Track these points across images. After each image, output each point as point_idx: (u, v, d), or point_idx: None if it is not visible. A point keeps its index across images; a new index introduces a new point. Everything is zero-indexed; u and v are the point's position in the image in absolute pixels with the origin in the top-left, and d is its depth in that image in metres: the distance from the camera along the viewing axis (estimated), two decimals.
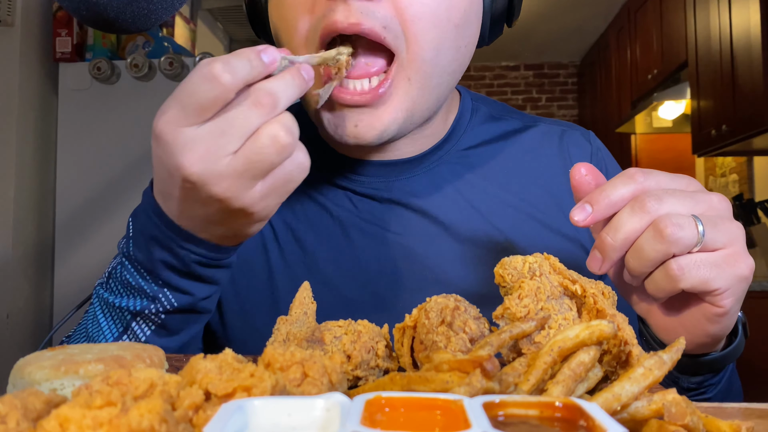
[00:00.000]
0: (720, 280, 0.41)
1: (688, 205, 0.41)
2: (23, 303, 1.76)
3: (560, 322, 0.36)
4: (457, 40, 0.55)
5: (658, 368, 0.29)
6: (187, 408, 0.25)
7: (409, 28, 0.51)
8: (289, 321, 0.43)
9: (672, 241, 0.39)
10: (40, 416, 0.25)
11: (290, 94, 0.42)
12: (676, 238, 0.39)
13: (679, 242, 0.40)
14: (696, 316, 0.44)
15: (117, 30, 0.50)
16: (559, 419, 0.25)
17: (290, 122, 0.42)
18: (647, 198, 0.41)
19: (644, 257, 0.41)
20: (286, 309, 0.45)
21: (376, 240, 0.63)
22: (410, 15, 0.51)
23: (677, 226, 0.39)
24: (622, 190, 0.42)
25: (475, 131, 0.67)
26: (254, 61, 0.40)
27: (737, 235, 0.42)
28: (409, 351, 0.39)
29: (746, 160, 3.00)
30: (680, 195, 0.42)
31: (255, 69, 0.40)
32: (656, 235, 0.40)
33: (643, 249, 0.41)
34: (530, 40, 4.50)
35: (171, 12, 0.51)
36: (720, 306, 0.42)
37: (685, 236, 0.40)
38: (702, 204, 0.42)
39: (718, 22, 2.58)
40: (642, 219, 0.40)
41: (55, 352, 0.37)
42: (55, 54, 1.85)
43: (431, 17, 0.52)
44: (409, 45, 0.51)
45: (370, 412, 0.23)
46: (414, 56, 0.52)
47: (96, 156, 1.82)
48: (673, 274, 0.41)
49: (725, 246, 0.41)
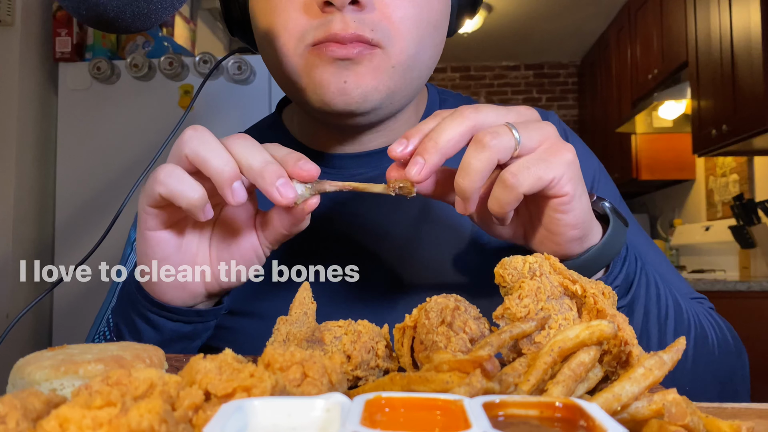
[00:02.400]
0: (551, 170, 0.44)
1: (500, 114, 0.45)
2: (23, 303, 1.76)
3: (560, 322, 0.36)
4: (434, 38, 0.59)
5: (659, 368, 0.29)
6: (186, 408, 0.25)
7: (396, 29, 0.55)
8: (289, 321, 0.43)
9: (493, 148, 0.43)
10: (39, 416, 0.25)
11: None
12: (496, 144, 0.43)
13: (500, 148, 0.43)
14: (551, 215, 0.47)
15: (117, 30, 0.50)
16: (559, 419, 0.25)
17: None
18: (466, 108, 0.45)
19: (472, 170, 0.43)
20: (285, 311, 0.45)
21: (354, 229, 0.64)
22: (396, 18, 0.55)
23: (495, 134, 0.43)
24: (434, 122, 0.46)
25: None
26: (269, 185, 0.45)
27: (549, 131, 0.46)
28: (409, 351, 0.39)
29: (746, 160, 3.00)
30: (492, 107, 0.46)
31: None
32: (477, 146, 0.43)
33: (469, 163, 0.43)
34: (530, 40, 4.50)
35: (171, 12, 0.51)
36: (563, 194, 0.45)
37: (504, 142, 0.43)
38: (511, 113, 0.46)
39: (719, 21, 2.58)
40: (461, 125, 0.44)
41: (54, 352, 0.37)
42: (55, 54, 1.85)
43: (415, 19, 0.56)
44: (395, 42, 0.55)
45: (370, 413, 0.23)
46: (399, 50, 0.56)
47: (96, 156, 1.82)
48: (509, 183, 0.43)
49: (541, 143, 0.45)
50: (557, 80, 5.03)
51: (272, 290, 0.63)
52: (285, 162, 0.46)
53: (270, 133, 0.71)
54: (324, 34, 0.53)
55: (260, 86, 1.80)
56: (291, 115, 0.72)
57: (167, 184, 0.45)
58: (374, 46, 0.54)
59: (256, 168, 0.45)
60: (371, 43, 0.54)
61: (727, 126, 2.49)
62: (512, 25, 4.20)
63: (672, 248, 3.67)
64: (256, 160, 0.45)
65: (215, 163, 0.44)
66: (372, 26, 0.54)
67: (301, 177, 0.46)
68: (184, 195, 0.45)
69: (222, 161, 0.44)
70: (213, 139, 0.46)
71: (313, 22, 0.54)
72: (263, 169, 0.45)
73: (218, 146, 0.45)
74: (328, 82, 0.55)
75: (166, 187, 0.45)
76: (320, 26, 0.54)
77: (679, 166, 3.60)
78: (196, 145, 0.45)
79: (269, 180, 0.44)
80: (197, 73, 1.79)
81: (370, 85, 0.55)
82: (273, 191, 0.44)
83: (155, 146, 1.78)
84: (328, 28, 0.53)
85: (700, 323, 0.59)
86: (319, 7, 0.53)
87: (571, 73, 5.02)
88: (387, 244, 0.64)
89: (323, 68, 0.55)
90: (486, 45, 4.53)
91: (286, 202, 0.45)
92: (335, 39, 0.53)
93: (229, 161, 0.45)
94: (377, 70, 0.55)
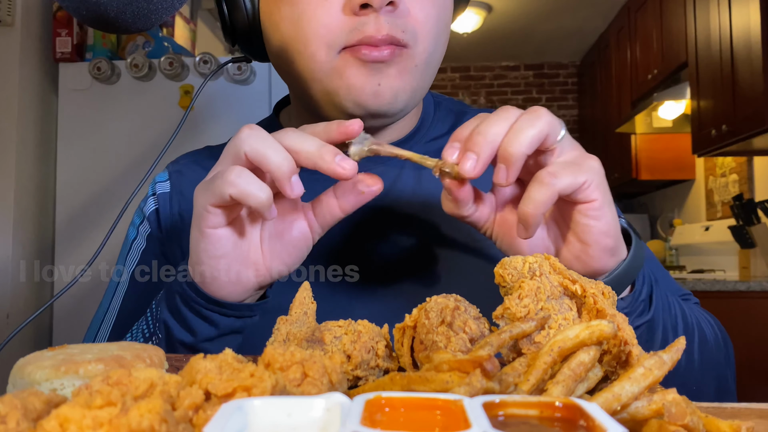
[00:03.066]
0: (582, 173, 0.45)
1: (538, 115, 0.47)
2: (23, 303, 1.76)
3: (560, 322, 0.36)
4: (445, 35, 0.61)
5: (658, 368, 0.29)
6: (187, 408, 0.25)
7: (420, 29, 0.57)
8: (289, 321, 0.43)
9: (542, 126, 0.44)
10: (40, 416, 0.25)
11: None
12: (548, 122, 0.45)
13: (551, 127, 0.45)
14: (581, 223, 0.47)
15: (117, 30, 0.50)
16: (559, 419, 0.25)
17: None
18: (510, 108, 0.47)
19: (516, 148, 0.44)
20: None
21: (355, 226, 0.64)
22: (422, 17, 0.57)
23: (537, 118, 0.45)
24: (474, 124, 0.48)
25: (441, 123, 0.72)
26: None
27: (577, 143, 0.48)
28: (409, 351, 0.39)
29: (746, 160, 3.00)
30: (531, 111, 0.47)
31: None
32: (530, 119, 0.45)
33: (512, 142, 0.44)
34: (530, 41, 4.50)
35: (171, 12, 0.51)
36: (592, 199, 0.46)
37: (554, 123, 0.45)
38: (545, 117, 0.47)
39: (718, 22, 2.58)
40: (506, 120, 0.45)
41: (55, 351, 0.37)
42: (55, 54, 1.85)
43: (434, 18, 0.58)
44: (418, 42, 0.57)
45: (370, 412, 0.23)
46: (423, 50, 0.58)
47: (96, 156, 1.82)
48: (546, 180, 0.44)
49: (573, 150, 0.48)
50: (557, 80, 5.03)
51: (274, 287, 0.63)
52: (329, 131, 0.48)
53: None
54: (358, 37, 0.54)
55: (260, 86, 1.80)
56: (289, 117, 0.72)
57: (237, 185, 0.45)
58: (403, 47, 0.56)
59: (314, 152, 0.46)
60: (401, 44, 0.55)
61: (727, 126, 2.49)
62: (512, 25, 4.20)
63: (672, 248, 3.67)
64: (311, 146, 0.46)
65: (275, 159, 0.46)
66: (403, 27, 0.55)
67: (348, 134, 0.47)
68: (254, 195, 0.45)
69: (281, 156, 0.46)
70: (268, 135, 0.47)
71: (346, 27, 0.55)
72: (320, 151, 0.46)
73: (274, 142, 0.46)
74: (362, 84, 0.55)
75: (237, 188, 0.45)
76: (354, 29, 0.54)
77: (679, 166, 3.60)
78: (254, 143, 0.46)
79: (329, 159, 0.46)
80: (197, 73, 1.79)
81: (400, 87, 0.57)
82: (336, 168, 0.46)
83: (155, 146, 1.78)
84: (362, 31, 0.54)
85: (700, 325, 0.59)
86: (353, 10, 0.54)
87: (571, 73, 5.02)
88: (388, 245, 0.64)
89: (356, 71, 0.55)
90: (486, 45, 4.53)
91: (350, 174, 0.46)
92: (369, 42, 0.54)
93: (287, 156, 0.46)
94: (404, 70, 0.57)
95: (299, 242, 0.53)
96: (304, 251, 0.53)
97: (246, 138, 0.47)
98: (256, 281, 0.52)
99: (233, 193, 0.46)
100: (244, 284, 0.52)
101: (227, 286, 0.51)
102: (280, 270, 0.53)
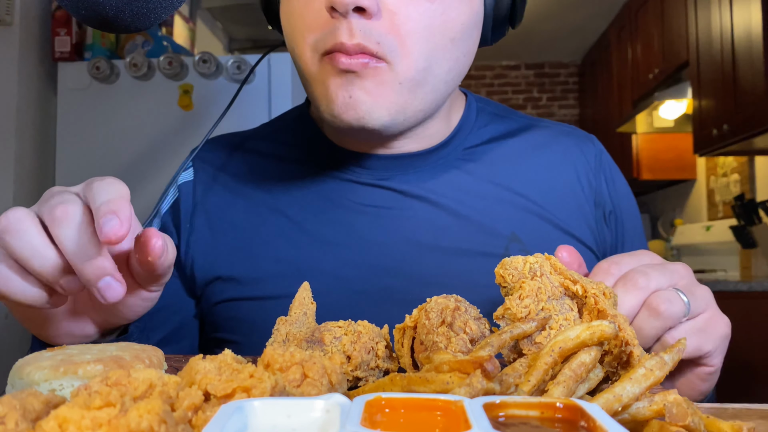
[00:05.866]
0: (709, 342, 0.44)
1: (667, 277, 0.44)
2: None
3: (561, 323, 0.36)
4: (453, 51, 0.57)
5: (660, 369, 0.29)
6: (186, 409, 0.25)
7: (403, 43, 0.53)
8: (289, 321, 0.42)
9: (668, 317, 0.42)
10: (39, 417, 0.25)
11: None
12: (671, 313, 0.42)
13: (673, 316, 0.43)
14: (690, 379, 0.47)
15: (116, 29, 0.50)
16: (559, 420, 0.24)
17: None
18: (636, 275, 0.44)
19: (643, 335, 0.43)
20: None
21: (383, 229, 0.63)
22: (405, 31, 0.53)
23: (669, 301, 0.43)
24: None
25: (482, 131, 0.69)
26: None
27: (710, 298, 0.46)
28: (410, 351, 0.39)
29: (747, 159, 2.99)
30: (658, 269, 0.45)
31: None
32: (652, 314, 0.43)
33: (641, 328, 0.43)
34: (531, 40, 4.50)
35: (170, 11, 0.51)
36: (711, 365, 0.46)
37: (677, 310, 0.43)
38: (675, 275, 0.45)
39: (720, 21, 2.57)
40: (636, 296, 0.43)
41: (54, 352, 0.37)
42: (54, 53, 1.85)
43: (425, 32, 0.54)
44: (403, 58, 0.54)
45: (370, 413, 0.23)
46: (407, 67, 0.54)
47: (95, 155, 1.82)
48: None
49: (704, 310, 0.45)
50: (558, 80, 5.02)
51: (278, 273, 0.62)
52: (96, 213, 0.39)
53: (296, 125, 0.71)
54: (332, 43, 0.53)
55: (260, 86, 1.80)
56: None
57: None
58: (380, 59, 0.53)
59: (74, 263, 0.39)
60: (376, 56, 0.53)
61: (728, 126, 2.49)
62: None
63: (673, 248, 3.67)
64: (74, 252, 0.39)
65: (36, 264, 0.40)
66: (378, 38, 0.52)
67: (102, 240, 0.38)
68: (19, 296, 0.41)
69: (39, 261, 0.39)
70: (30, 225, 0.40)
71: (324, 30, 0.54)
72: (83, 266, 0.39)
73: (36, 235, 0.40)
74: (335, 94, 0.54)
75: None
76: (329, 34, 0.53)
77: (680, 165, 3.59)
78: (12, 241, 0.40)
79: (87, 280, 0.39)
80: (197, 72, 1.79)
81: (376, 102, 0.54)
82: (94, 292, 0.39)
83: (155, 146, 1.78)
84: (335, 36, 0.52)
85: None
86: (328, 12, 0.53)
87: (572, 72, 5.02)
88: (384, 254, 0.63)
89: (332, 79, 0.54)
90: None
91: (111, 301, 0.40)
92: (341, 49, 0.52)
93: (47, 255, 0.40)
94: (382, 85, 0.54)
95: (129, 302, 0.47)
96: (142, 306, 0.48)
97: (4, 234, 0.40)
98: (93, 331, 0.49)
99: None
100: (74, 336, 0.48)
101: (58, 338, 0.48)
102: (114, 323, 0.49)
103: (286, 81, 1.78)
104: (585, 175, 0.68)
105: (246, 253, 0.63)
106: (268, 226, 0.64)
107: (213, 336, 0.66)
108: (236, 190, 0.67)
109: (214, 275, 0.64)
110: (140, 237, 0.43)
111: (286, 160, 0.68)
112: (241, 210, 0.66)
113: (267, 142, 0.71)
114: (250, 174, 0.68)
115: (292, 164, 0.68)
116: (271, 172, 0.67)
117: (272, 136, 0.71)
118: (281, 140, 0.70)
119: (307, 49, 0.55)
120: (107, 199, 0.40)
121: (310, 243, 0.63)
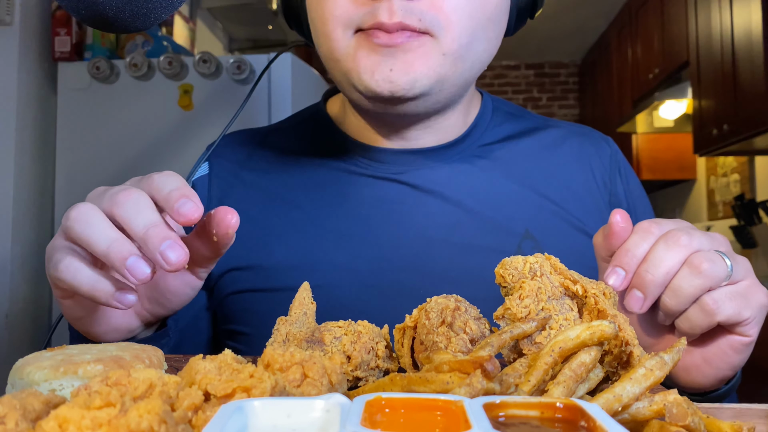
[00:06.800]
0: (748, 309, 0.43)
1: (709, 240, 0.44)
2: (22, 303, 1.76)
3: (561, 323, 0.36)
4: (489, 31, 0.58)
5: (660, 369, 0.29)
6: (186, 409, 0.25)
7: (448, 18, 0.55)
8: (289, 321, 0.42)
9: (709, 275, 0.42)
10: (39, 417, 0.25)
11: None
12: (712, 272, 0.42)
13: (715, 276, 0.42)
14: (723, 349, 0.46)
15: (116, 29, 0.50)
16: (559, 420, 0.24)
17: None
18: (679, 233, 0.43)
19: (682, 294, 0.42)
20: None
21: (397, 223, 0.64)
22: (447, 8, 0.55)
23: (711, 261, 0.42)
24: (644, 245, 0.44)
25: (497, 129, 0.70)
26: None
27: (749, 267, 0.45)
28: (410, 351, 0.39)
29: (747, 159, 2.99)
30: (701, 232, 0.44)
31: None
32: (693, 271, 0.42)
33: (681, 286, 0.42)
34: (531, 40, 4.49)
35: (170, 11, 0.51)
36: (747, 335, 0.45)
37: (720, 270, 0.42)
38: (716, 241, 0.45)
39: (720, 21, 2.57)
40: (678, 253, 0.42)
41: (54, 352, 0.37)
42: (54, 53, 1.85)
43: (467, 10, 0.55)
44: (447, 31, 0.55)
45: (370, 413, 0.23)
46: (451, 39, 0.55)
47: (95, 155, 1.82)
48: (709, 308, 0.42)
49: (744, 278, 0.44)
50: (558, 79, 5.02)
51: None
52: (167, 200, 0.42)
53: (311, 123, 0.72)
54: (371, 22, 0.54)
55: (260, 86, 1.80)
56: (338, 105, 0.72)
57: (65, 278, 0.42)
58: (422, 33, 0.54)
59: (139, 233, 0.40)
60: (418, 31, 0.54)
61: (728, 126, 2.49)
62: None
63: None
64: (138, 225, 0.41)
65: (100, 247, 0.40)
66: (420, 15, 0.54)
67: (179, 221, 0.41)
68: (86, 288, 0.42)
69: (105, 243, 0.40)
70: (96, 213, 0.42)
71: (360, 10, 0.55)
72: (146, 234, 0.40)
73: (102, 221, 0.41)
74: (372, 68, 0.55)
75: (66, 281, 0.42)
76: (367, 14, 0.54)
77: (680, 165, 3.59)
78: (79, 228, 0.41)
79: (152, 244, 0.40)
80: (197, 72, 1.79)
81: (420, 71, 0.55)
82: (157, 258, 0.40)
83: (154, 146, 1.78)
84: (375, 15, 0.53)
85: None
86: None
87: (572, 72, 5.02)
88: (397, 249, 0.63)
89: (368, 54, 0.55)
90: None
91: (172, 268, 0.40)
92: (381, 27, 0.54)
93: (115, 238, 0.41)
94: (427, 56, 0.55)
95: (179, 288, 0.50)
96: (188, 294, 0.51)
97: (72, 223, 0.41)
98: (137, 325, 0.51)
99: (64, 285, 0.42)
100: (120, 331, 0.50)
101: (105, 336, 0.50)
102: (160, 313, 0.51)
103: (286, 81, 1.78)
104: (600, 176, 0.69)
105: (260, 244, 0.64)
106: (282, 218, 0.65)
107: (225, 327, 0.66)
108: (254, 184, 0.68)
109: (228, 266, 0.64)
110: (215, 213, 0.44)
111: (302, 154, 0.69)
112: (258, 202, 0.67)
113: (285, 138, 0.72)
114: (268, 168, 0.69)
115: (307, 158, 0.69)
116: (287, 166, 0.69)
117: (290, 132, 0.73)
118: (298, 135, 0.71)
119: (338, 26, 0.56)
120: (176, 186, 0.42)
121: (323, 236, 0.63)
